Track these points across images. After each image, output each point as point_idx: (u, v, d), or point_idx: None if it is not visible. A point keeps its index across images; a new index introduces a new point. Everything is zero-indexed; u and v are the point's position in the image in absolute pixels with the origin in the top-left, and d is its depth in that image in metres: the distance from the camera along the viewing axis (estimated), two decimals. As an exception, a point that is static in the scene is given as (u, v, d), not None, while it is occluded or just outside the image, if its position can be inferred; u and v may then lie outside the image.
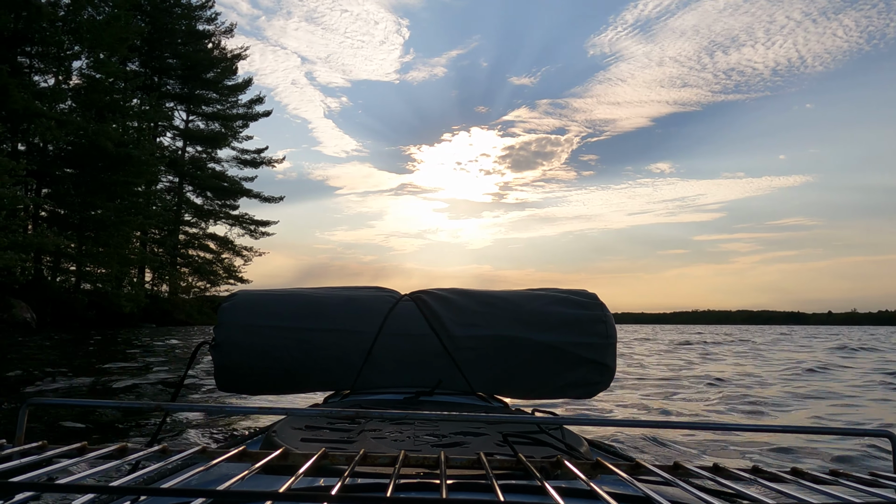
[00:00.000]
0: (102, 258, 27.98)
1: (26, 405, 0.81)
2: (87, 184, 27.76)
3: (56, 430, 3.65)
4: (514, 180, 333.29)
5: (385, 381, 1.85)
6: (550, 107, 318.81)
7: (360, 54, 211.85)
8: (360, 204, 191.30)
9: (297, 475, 0.63)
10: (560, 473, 0.77)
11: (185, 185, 43.65)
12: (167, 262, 41.12)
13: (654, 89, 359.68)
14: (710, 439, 3.95)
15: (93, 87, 27.54)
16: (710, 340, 25.91)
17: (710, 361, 12.54)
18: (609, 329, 1.90)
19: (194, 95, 42.18)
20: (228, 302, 1.88)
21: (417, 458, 0.77)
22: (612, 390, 6.31)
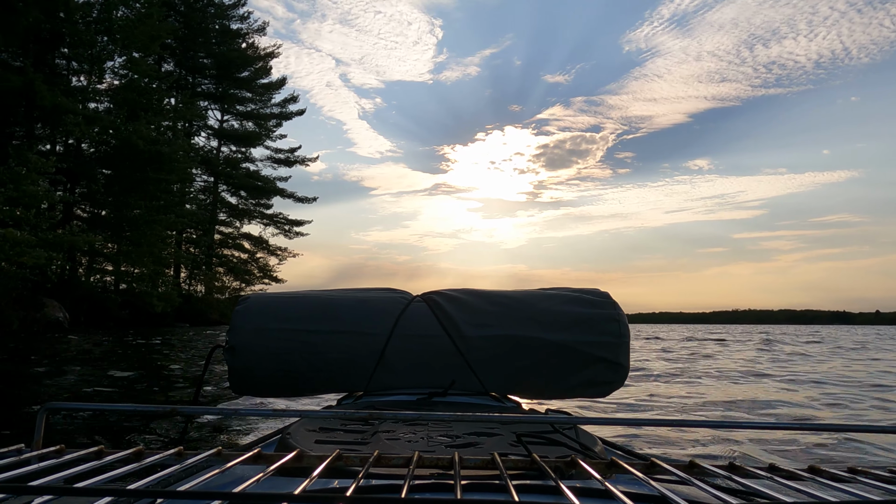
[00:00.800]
0: (135, 257, 27.82)
1: (44, 409, 0.82)
2: (119, 182, 27.67)
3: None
4: (548, 179, 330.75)
5: (398, 383, 1.84)
6: (585, 104, 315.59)
7: (393, 55, 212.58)
8: (394, 204, 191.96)
9: (312, 477, 0.63)
10: (575, 473, 0.78)
11: (219, 185, 43.71)
12: (202, 261, 41.30)
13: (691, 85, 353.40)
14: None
15: (126, 86, 27.48)
16: (778, 339, 25.05)
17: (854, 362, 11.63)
18: (622, 328, 1.89)
19: (228, 94, 42.21)
20: (241, 305, 1.88)
21: (431, 459, 0.77)
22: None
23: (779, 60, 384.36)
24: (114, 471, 0.65)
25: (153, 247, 27.76)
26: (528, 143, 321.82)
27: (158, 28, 27.41)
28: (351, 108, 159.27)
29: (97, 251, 27.71)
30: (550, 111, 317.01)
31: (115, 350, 11.04)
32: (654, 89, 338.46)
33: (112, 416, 4.22)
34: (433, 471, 0.77)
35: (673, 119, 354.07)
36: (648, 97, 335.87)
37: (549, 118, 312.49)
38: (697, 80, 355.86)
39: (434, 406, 1.57)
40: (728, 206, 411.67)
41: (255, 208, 45.24)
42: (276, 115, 45.33)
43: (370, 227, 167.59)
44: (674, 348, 17.66)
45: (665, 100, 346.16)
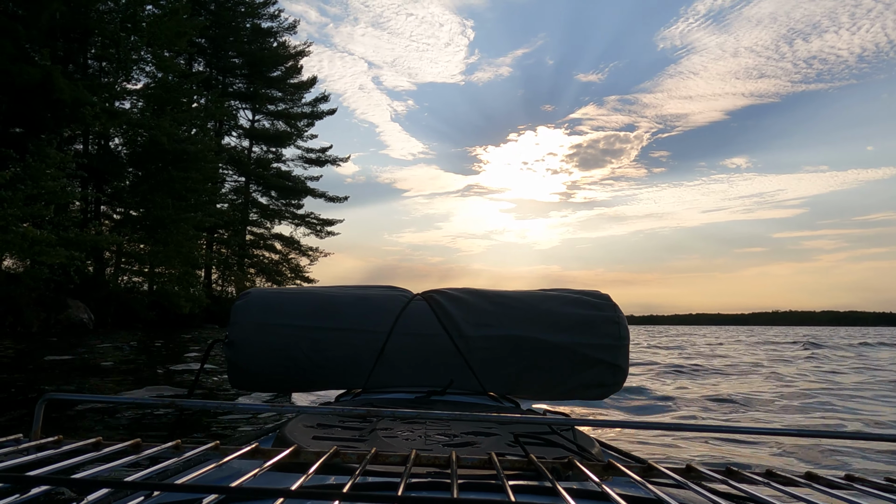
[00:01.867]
0: (162, 257, 27.32)
1: (43, 400, 0.82)
2: (146, 181, 27.25)
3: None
4: (581, 179, 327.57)
5: (397, 381, 1.85)
6: (619, 103, 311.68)
7: (425, 57, 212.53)
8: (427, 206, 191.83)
9: (309, 473, 0.63)
10: (571, 474, 0.78)
11: (250, 185, 43.38)
12: (234, 262, 40.88)
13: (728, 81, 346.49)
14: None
15: (158, 85, 27.08)
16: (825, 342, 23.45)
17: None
18: (622, 330, 1.89)
19: (259, 94, 41.76)
20: (241, 300, 1.88)
21: (429, 458, 0.77)
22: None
23: (820, 55, 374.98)
24: (112, 462, 0.65)
25: (180, 247, 27.19)
26: (560, 143, 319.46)
27: (185, 24, 26.90)
28: (383, 111, 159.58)
29: (123, 251, 27.28)
30: (583, 110, 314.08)
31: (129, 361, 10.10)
32: (689, 87, 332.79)
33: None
34: (430, 469, 0.77)
35: (709, 117, 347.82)
36: (684, 95, 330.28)
37: (582, 118, 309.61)
38: (735, 77, 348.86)
39: (432, 405, 1.55)
40: (767, 205, 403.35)
41: (285, 208, 44.82)
42: (307, 114, 44.81)
43: (403, 228, 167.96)
44: (786, 356, 14.67)
45: (701, 97, 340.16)
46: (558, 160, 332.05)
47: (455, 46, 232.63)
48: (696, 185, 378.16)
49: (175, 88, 27.61)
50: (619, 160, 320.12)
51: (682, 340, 25.95)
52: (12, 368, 8.02)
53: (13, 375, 7.19)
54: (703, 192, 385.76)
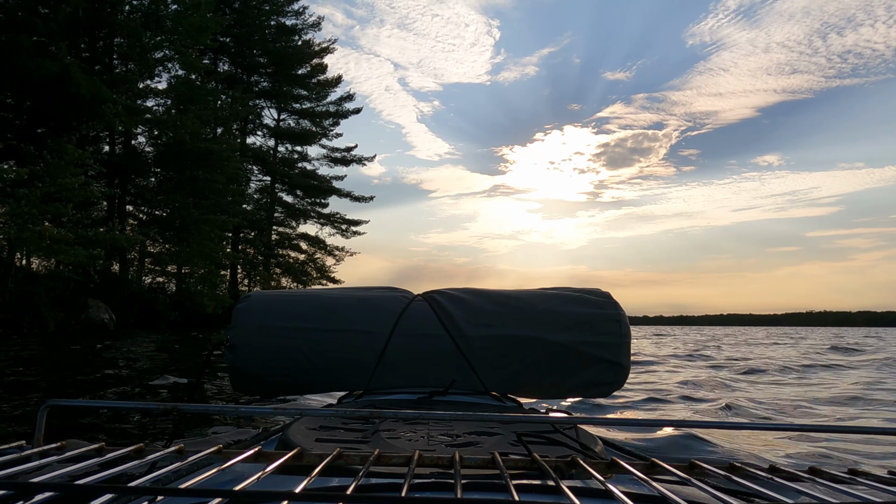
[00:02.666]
0: (185, 257, 26.96)
1: (45, 406, 0.82)
2: (170, 180, 26.95)
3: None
4: (609, 178, 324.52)
5: (399, 382, 1.85)
6: (647, 101, 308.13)
7: (451, 57, 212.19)
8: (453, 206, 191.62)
9: (312, 475, 0.64)
10: (575, 473, 0.78)
11: (276, 184, 43.15)
12: (260, 262, 40.65)
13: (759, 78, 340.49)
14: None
15: (181, 83, 26.78)
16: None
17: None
18: (623, 328, 1.89)
19: (283, 92, 41.43)
20: (242, 303, 1.88)
21: (432, 458, 0.77)
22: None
23: (855, 49, 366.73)
24: (115, 468, 0.64)
25: (202, 246, 26.80)
26: (588, 142, 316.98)
27: (208, 19, 26.54)
28: (409, 112, 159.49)
29: (145, 251, 26.99)
30: (611, 109, 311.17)
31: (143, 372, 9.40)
32: (719, 83, 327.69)
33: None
34: (433, 470, 0.77)
35: (740, 114, 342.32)
36: (714, 92, 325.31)
37: (609, 116, 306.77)
38: (766, 73, 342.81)
39: (435, 405, 1.55)
40: (800, 203, 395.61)
41: (311, 208, 44.49)
42: (333, 113, 44.43)
43: (429, 229, 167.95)
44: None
45: (731, 94, 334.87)
46: (585, 159, 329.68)
47: (481, 46, 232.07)
48: (727, 184, 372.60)
49: (199, 89, 27.29)
50: (648, 159, 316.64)
51: (701, 341, 24.36)
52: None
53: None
54: (733, 190, 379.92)
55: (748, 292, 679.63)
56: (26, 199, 16.32)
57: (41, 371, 7.82)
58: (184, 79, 27.20)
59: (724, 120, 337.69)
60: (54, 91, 17.57)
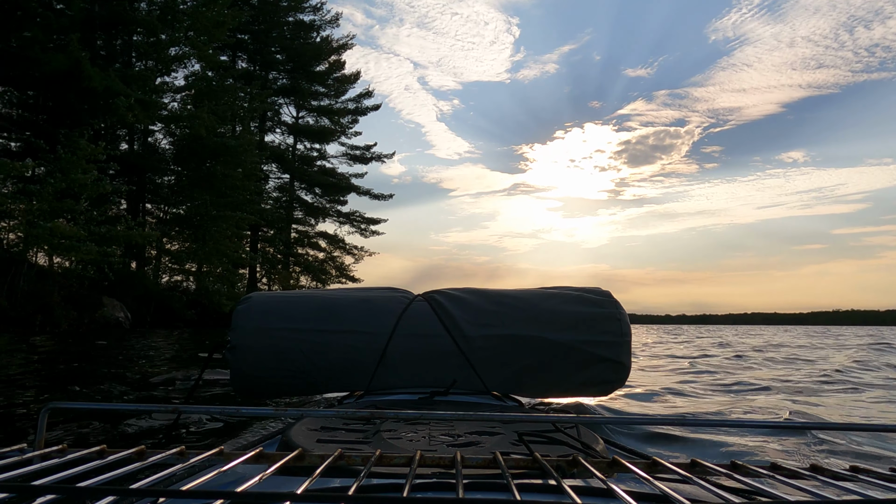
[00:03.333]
0: (201, 255, 26.63)
1: (46, 409, 0.82)
2: (186, 177, 26.66)
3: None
4: (630, 176, 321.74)
5: (400, 382, 1.83)
6: (669, 98, 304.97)
7: (470, 56, 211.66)
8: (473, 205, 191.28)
9: (314, 476, 0.64)
10: (576, 472, 0.78)
11: (294, 182, 42.91)
12: (279, 260, 40.41)
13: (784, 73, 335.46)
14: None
15: (198, 78, 26.49)
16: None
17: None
18: (624, 327, 1.89)
19: (301, 88, 41.14)
20: (243, 305, 1.92)
21: (433, 458, 0.77)
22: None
23: (883, 42, 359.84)
24: (116, 470, 0.65)
25: (219, 244, 26.43)
26: (608, 139, 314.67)
27: (224, 15, 26.19)
28: (429, 111, 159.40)
29: (162, 248, 26.70)
30: (632, 106, 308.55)
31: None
32: (742, 79, 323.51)
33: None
34: (435, 470, 0.77)
35: (764, 110, 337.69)
36: (737, 88, 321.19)
37: (630, 113, 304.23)
38: (791, 68, 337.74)
39: (436, 405, 1.55)
40: (826, 200, 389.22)
41: (329, 206, 44.16)
42: (351, 110, 44.10)
43: (449, 228, 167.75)
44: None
45: (755, 90, 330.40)
46: (606, 157, 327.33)
47: (500, 44, 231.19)
48: (751, 181, 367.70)
49: (217, 88, 26.99)
50: (670, 156, 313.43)
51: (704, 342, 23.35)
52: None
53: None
54: (757, 187, 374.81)
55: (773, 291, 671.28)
56: (37, 195, 15.97)
57: (44, 370, 7.48)
58: (201, 74, 26.92)
59: (747, 116, 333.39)
60: (67, 85, 17.23)
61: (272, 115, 42.19)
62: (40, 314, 17.01)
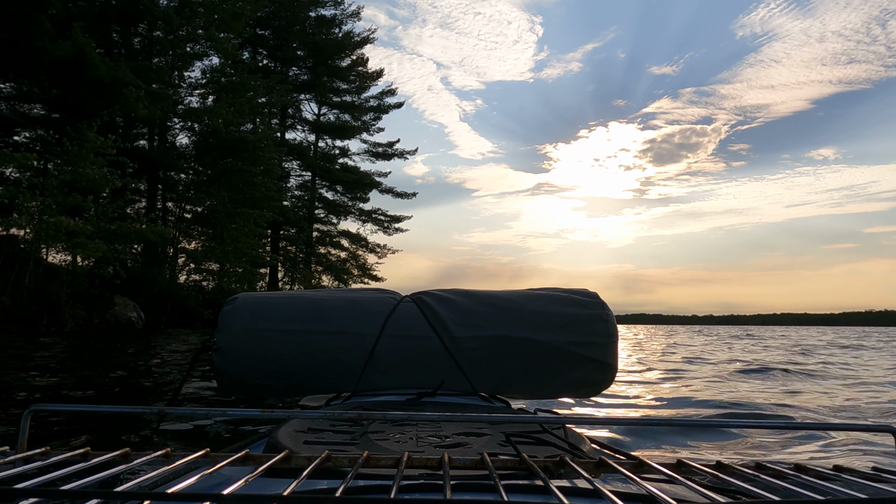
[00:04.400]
0: (219, 253, 25.92)
1: (28, 412, 0.82)
2: (203, 173, 26.00)
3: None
4: (656, 175, 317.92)
5: (387, 383, 1.85)
6: (695, 95, 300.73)
7: (493, 55, 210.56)
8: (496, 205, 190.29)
9: (301, 478, 0.64)
10: (563, 473, 0.78)
11: (316, 179, 42.29)
12: (301, 259, 39.82)
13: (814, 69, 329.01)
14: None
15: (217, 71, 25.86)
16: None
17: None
18: (610, 328, 1.90)
19: (322, 83, 40.42)
20: (229, 305, 1.88)
21: (420, 460, 0.78)
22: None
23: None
24: (101, 473, 0.64)
25: (237, 241, 25.66)
26: (633, 138, 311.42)
27: (242, 7, 25.50)
28: (452, 111, 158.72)
29: (178, 246, 26.03)
30: (657, 104, 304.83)
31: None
32: (771, 76, 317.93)
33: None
34: (422, 471, 0.77)
35: (793, 106, 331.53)
36: (765, 84, 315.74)
37: (655, 111, 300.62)
38: (821, 64, 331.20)
39: (423, 406, 1.56)
40: (858, 199, 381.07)
41: (352, 203, 43.43)
42: (374, 108, 43.31)
43: (473, 228, 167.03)
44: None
45: (784, 86, 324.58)
46: (631, 156, 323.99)
47: (523, 44, 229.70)
48: (780, 179, 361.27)
49: (235, 82, 26.33)
50: (696, 154, 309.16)
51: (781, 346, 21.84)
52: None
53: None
54: (786, 185, 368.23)
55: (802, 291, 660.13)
56: (41, 189, 15.24)
57: (34, 371, 7.16)
58: (219, 67, 26.29)
59: (776, 113, 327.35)
60: (73, 75, 16.53)
61: (293, 112, 41.68)
62: (46, 314, 16.32)
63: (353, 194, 43.27)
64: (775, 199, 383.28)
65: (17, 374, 6.82)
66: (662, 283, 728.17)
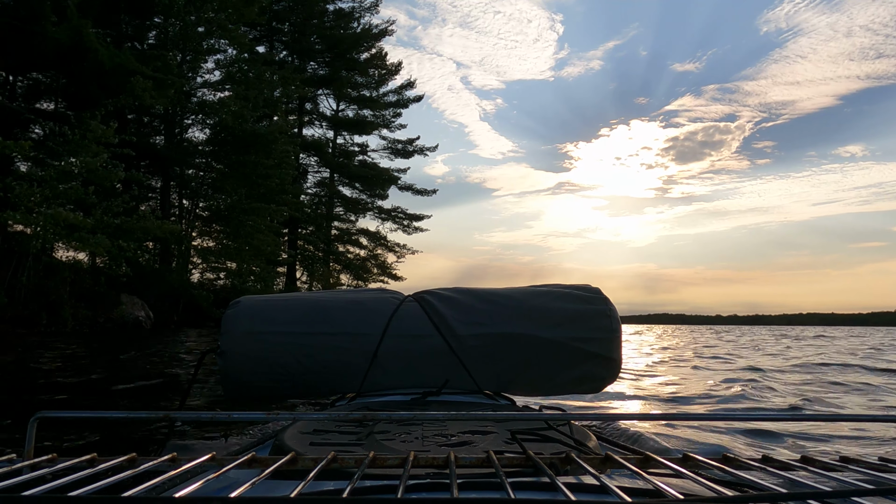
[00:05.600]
0: (233, 251, 25.08)
1: (34, 419, 0.81)
2: (215, 168, 25.22)
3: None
4: (678, 173, 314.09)
5: (391, 383, 1.86)
6: (718, 92, 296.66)
7: (513, 54, 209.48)
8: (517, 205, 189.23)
9: (308, 480, 0.64)
10: (570, 469, 0.78)
11: (334, 176, 41.52)
12: (319, 258, 39.10)
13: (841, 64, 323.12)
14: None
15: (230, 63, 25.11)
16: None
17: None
18: (614, 323, 1.90)
19: (340, 77, 39.61)
20: (232, 309, 1.89)
21: (426, 459, 0.78)
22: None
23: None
24: (108, 478, 0.64)
25: (251, 238, 24.77)
26: (655, 136, 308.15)
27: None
28: (472, 111, 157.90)
29: (189, 243, 25.21)
30: (680, 102, 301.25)
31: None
32: (796, 71, 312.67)
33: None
34: (428, 470, 0.77)
35: (819, 103, 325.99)
36: (790, 80, 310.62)
37: (678, 109, 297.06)
38: (848, 59, 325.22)
39: (428, 406, 1.56)
40: (887, 196, 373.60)
41: (370, 200, 42.57)
42: (393, 103, 42.47)
43: (493, 228, 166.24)
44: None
45: (810, 82, 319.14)
46: (653, 154, 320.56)
47: (544, 42, 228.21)
48: (806, 177, 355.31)
49: (248, 71, 25.53)
50: (719, 152, 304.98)
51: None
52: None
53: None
54: (813, 183, 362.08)
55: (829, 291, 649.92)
56: (38, 179, 14.40)
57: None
58: (233, 58, 25.53)
59: (801, 109, 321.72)
60: (74, 61, 15.71)
61: (312, 107, 40.95)
62: (46, 312, 15.48)
63: (372, 191, 42.46)
64: (801, 198, 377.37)
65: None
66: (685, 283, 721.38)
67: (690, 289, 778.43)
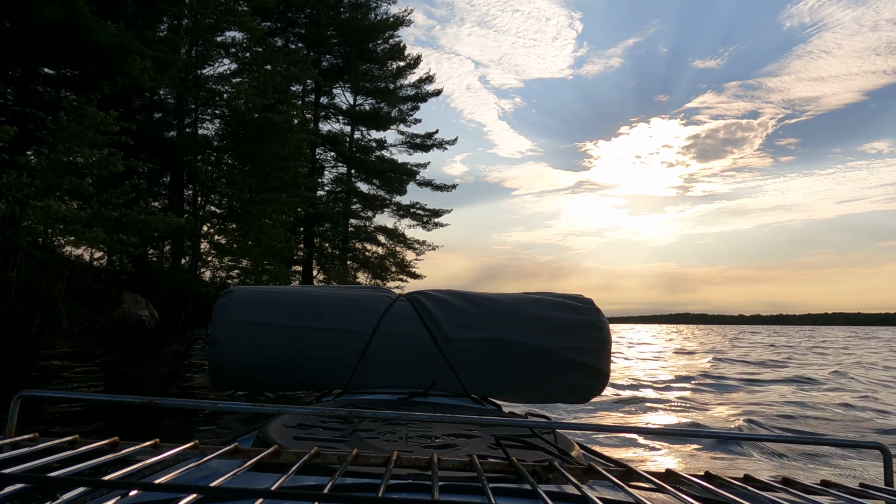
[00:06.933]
0: (244, 246, 23.99)
1: (18, 397, 0.82)
2: (229, 159, 24.17)
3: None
4: (699, 171, 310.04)
5: (379, 381, 1.85)
6: (740, 89, 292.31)
7: (532, 53, 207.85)
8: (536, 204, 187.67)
9: (289, 473, 0.64)
10: (552, 478, 0.78)
11: (351, 171, 40.51)
12: (336, 255, 38.10)
13: (866, 59, 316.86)
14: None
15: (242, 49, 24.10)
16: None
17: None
18: (604, 334, 1.89)
19: (356, 67, 38.54)
20: (223, 298, 1.87)
21: (409, 459, 0.78)
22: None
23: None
24: (88, 461, 0.64)
25: (261, 233, 23.64)
26: (676, 134, 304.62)
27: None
28: (490, 110, 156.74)
29: (197, 239, 24.16)
30: (701, 99, 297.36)
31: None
32: (820, 67, 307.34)
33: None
34: (411, 471, 0.77)
35: (844, 98, 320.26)
36: (814, 76, 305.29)
37: (699, 106, 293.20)
38: (874, 53, 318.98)
39: (414, 406, 1.54)
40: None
41: (388, 196, 41.51)
42: (411, 96, 41.39)
43: (512, 227, 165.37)
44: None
45: (834, 78, 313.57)
46: (674, 152, 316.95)
47: (562, 40, 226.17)
48: (830, 174, 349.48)
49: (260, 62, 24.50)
50: (742, 150, 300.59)
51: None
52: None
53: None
54: (838, 181, 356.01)
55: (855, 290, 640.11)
56: (28, 168, 13.30)
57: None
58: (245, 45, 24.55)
59: (826, 106, 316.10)
60: (69, 41, 14.64)
61: (328, 101, 39.96)
62: (39, 311, 14.43)
63: (390, 187, 41.40)
64: (825, 195, 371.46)
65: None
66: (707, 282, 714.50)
67: (712, 288, 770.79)
